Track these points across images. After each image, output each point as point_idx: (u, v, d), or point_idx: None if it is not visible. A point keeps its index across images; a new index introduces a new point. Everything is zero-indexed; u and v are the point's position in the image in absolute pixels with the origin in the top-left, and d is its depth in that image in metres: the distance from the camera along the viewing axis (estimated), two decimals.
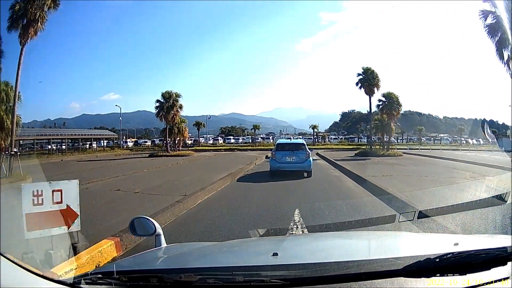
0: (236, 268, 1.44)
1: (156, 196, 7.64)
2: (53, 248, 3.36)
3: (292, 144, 12.96)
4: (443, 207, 5.26)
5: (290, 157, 12.09)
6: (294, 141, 13.87)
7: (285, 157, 12.11)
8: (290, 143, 13.32)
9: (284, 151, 12.36)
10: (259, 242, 2.66)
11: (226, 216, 6.08)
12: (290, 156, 12.12)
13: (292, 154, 12.15)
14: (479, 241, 1.95)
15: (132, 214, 2.95)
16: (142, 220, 2.09)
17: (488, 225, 4.62)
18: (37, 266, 1.41)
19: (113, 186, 9.42)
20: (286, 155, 12.15)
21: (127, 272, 1.44)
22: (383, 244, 1.98)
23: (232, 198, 8.03)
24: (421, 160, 20.59)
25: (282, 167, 12.08)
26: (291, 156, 12.11)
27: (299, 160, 11.99)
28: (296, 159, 12.02)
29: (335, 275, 1.29)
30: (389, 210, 6.14)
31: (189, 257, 1.91)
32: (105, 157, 27.00)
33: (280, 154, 12.27)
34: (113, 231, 4.63)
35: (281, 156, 12.19)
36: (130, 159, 24.55)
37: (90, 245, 3.94)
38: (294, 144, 13.01)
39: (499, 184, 7.93)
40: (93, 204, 6.79)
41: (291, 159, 12.05)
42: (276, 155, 12.34)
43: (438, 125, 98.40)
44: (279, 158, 12.20)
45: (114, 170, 14.89)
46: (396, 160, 19.51)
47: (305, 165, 11.91)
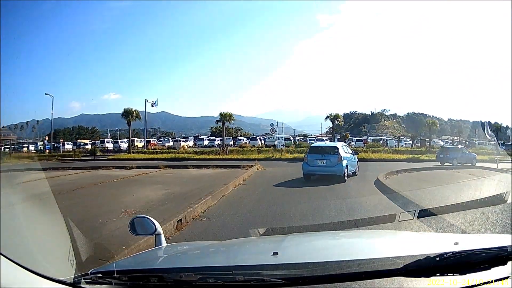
0: (236, 267, 1.44)
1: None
2: (53, 247, 3.35)
3: (325, 147, 12.69)
4: (443, 206, 5.26)
5: (321, 160, 11.74)
6: (327, 144, 13.80)
7: (317, 160, 11.81)
8: (322, 146, 13.05)
9: (316, 154, 12.06)
10: (259, 241, 2.66)
11: None
12: (321, 159, 11.77)
13: (324, 157, 11.78)
14: (479, 240, 1.95)
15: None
16: (142, 219, 2.08)
17: (488, 224, 4.62)
18: (37, 266, 1.40)
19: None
20: (318, 158, 11.85)
21: (127, 272, 1.44)
22: (383, 243, 1.98)
23: None
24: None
25: (313, 170, 11.81)
26: (322, 159, 11.75)
27: (330, 164, 11.54)
28: (327, 162, 11.60)
29: (335, 274, 1.29)
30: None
31: (189, 256, 1.92)
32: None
33: (312, 157, 11.98)
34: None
35: (313, 159, 11.89)
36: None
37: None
38: (326, 147, 12.74)
39: (499, 184, 7.93)
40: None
41: (322, 162, 11.69)
42: (308, 158, 12.09)
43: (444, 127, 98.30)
44: (311, 161, 11.91)
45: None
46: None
47: (337, 169, 11.41)
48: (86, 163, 22.01)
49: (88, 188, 10.13)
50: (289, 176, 13.37)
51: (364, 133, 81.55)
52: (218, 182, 10.51)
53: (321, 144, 14.39)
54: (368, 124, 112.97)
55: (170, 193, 8.58)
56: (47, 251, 3.34)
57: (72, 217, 3.84)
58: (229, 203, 7.83)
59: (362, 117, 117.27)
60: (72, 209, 6.16)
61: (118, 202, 7.50)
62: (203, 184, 10.35)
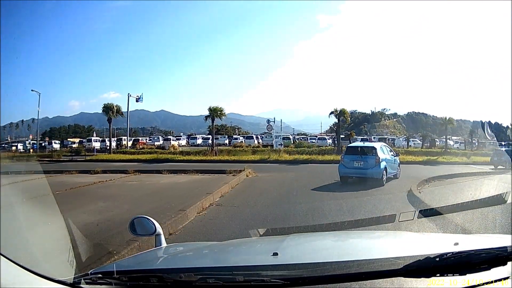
0: (236, 267, 1.44)
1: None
2: (53, 248, 3.36)
3: (362, 148, 11.88)
4: (443, 207, 5.27)
5: (358, 162, 11.01)
6: (365, 145, 12.92)
7: (353, 161, 11.11)
8: (360, 146, 12.31)
9: (353, 155, 11.35)
10: (259, 241, 2.66)
11: None
12: (358, 161, 11.04)
13: (361, 159, 11.03)
14: (479, 240, 1.95)
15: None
16: (142, 219, 2.07)
17: (488, 224, 4.62)
18: (37, 266, 1.41)
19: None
20: (354, 159, 11.13)
21: (127, 272, 1.44)
22: (383, 244, 1.98)
23: None
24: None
25: (349, 172, 11.18)
26: (359, 161, 11.02)
27: (367, 165, 10.77)
28: (364, 164, 10.85)
29: (335, 274, 1.29)
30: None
31: (189, 256, 1.92)
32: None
33: (348, 158, 11.27)
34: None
35: (349, 161, 11.19)
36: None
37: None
38: (364, 147, 11.96)
39: (499, 184, 7.93)
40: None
41: (359, 164, 10.96)
42: (344, 159, 11.41)
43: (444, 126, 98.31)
44: (347, 162, 11.22)
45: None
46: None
47: (374, 171, 10.62)
48: (59, 165, 19.32)
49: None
50: (287, 185, 11.31)
51: (365, 132, 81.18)
52: (183, 200, 7.39)
53: (359, 144, 13.49)
54: (368, 123, 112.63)
55: (97, 224, 5.69)
56: (47, 251, 3.35)
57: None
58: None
59: (362, 117, 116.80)
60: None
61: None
62: (161, 203, 7.38)
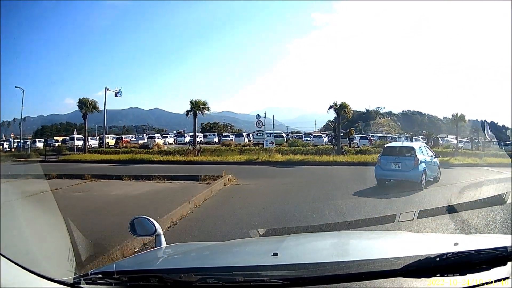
0: (236, 268, 1.44)
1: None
2: (53, 248, 3.35)
3: (400, 148, 10.93)
4: (443, 207, 5.27)
5: (396, 163, 10.19)
6: (403, 145, 11.96)
7: (391, 163, 10.27)
8: (398, 146, 11.37)
9: (390, 156, 10.50)
10: (259, 242, 2.66)
11: None
12: (395, 162, 10.21)
13: (398, 160, 10.22)
14: (479, 241, 1.95)
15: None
16: (142, 220, 2.07)
17: (488, 224, 4.63)
18: (37, 266, 1.41)
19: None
20: (392, 161, 10.29)
21: (127, 272, 1.44)
22: (383, 244, 1.98)
23: None
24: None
25: (386, 175, 10.33)
26: (396, 162, 10.20)
27: (405, 168, 9.98)
28: (402, 166, 10.06)
29: (335, 275, 1.29)
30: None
31: (189, 257, 1.91)
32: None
33: (385, 160, 10.45)
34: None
35: (386, 162, 10.36)
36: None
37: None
38: (402, 148, 11.01)
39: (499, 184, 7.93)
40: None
41: (397, 166, 10.16)
42: (381, 160, 10.57)
43: (440, 125, 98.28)
44: (384, 164, 10.39)
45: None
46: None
47: (412, 174, 9.79)
48: (26, 167, 17.63)
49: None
50: (280, 202, 7.98)
51: (359, 130, 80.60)
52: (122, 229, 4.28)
53: (397, 144, 12.51)
54: (363, 121, 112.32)
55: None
56: (47, 251, 3.35)
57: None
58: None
59: (357, 115, 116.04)
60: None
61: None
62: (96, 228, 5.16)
